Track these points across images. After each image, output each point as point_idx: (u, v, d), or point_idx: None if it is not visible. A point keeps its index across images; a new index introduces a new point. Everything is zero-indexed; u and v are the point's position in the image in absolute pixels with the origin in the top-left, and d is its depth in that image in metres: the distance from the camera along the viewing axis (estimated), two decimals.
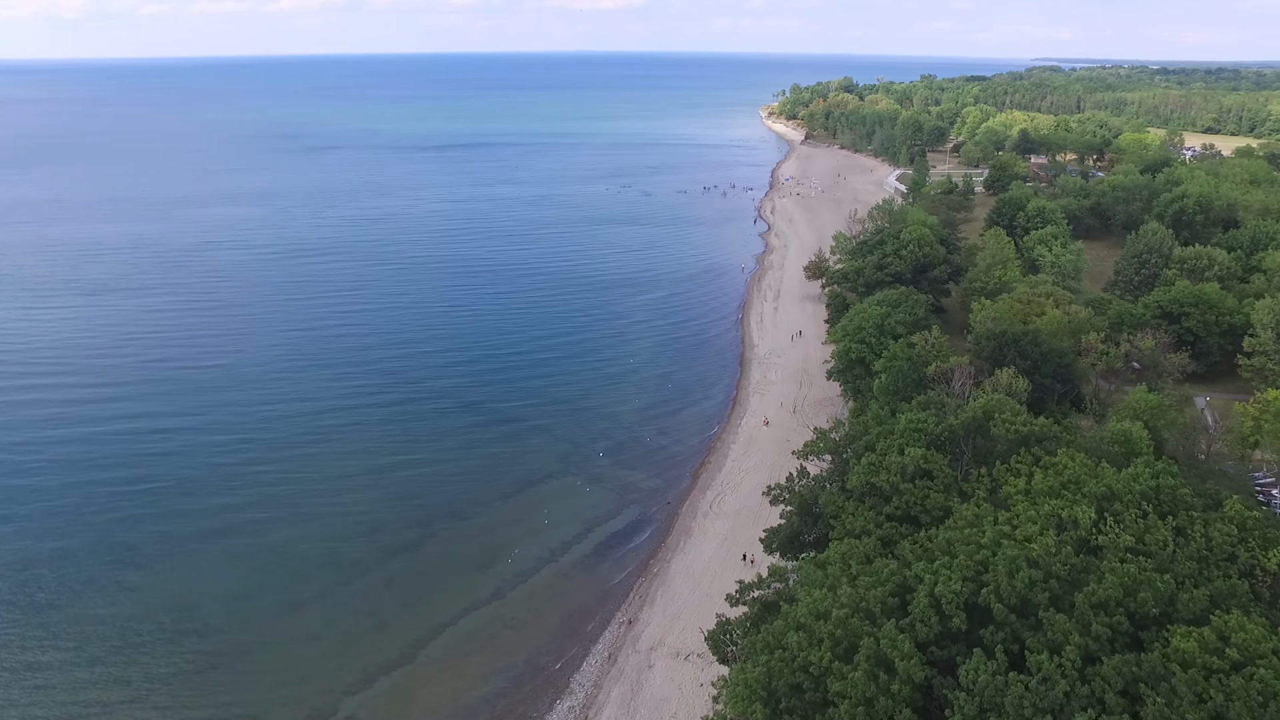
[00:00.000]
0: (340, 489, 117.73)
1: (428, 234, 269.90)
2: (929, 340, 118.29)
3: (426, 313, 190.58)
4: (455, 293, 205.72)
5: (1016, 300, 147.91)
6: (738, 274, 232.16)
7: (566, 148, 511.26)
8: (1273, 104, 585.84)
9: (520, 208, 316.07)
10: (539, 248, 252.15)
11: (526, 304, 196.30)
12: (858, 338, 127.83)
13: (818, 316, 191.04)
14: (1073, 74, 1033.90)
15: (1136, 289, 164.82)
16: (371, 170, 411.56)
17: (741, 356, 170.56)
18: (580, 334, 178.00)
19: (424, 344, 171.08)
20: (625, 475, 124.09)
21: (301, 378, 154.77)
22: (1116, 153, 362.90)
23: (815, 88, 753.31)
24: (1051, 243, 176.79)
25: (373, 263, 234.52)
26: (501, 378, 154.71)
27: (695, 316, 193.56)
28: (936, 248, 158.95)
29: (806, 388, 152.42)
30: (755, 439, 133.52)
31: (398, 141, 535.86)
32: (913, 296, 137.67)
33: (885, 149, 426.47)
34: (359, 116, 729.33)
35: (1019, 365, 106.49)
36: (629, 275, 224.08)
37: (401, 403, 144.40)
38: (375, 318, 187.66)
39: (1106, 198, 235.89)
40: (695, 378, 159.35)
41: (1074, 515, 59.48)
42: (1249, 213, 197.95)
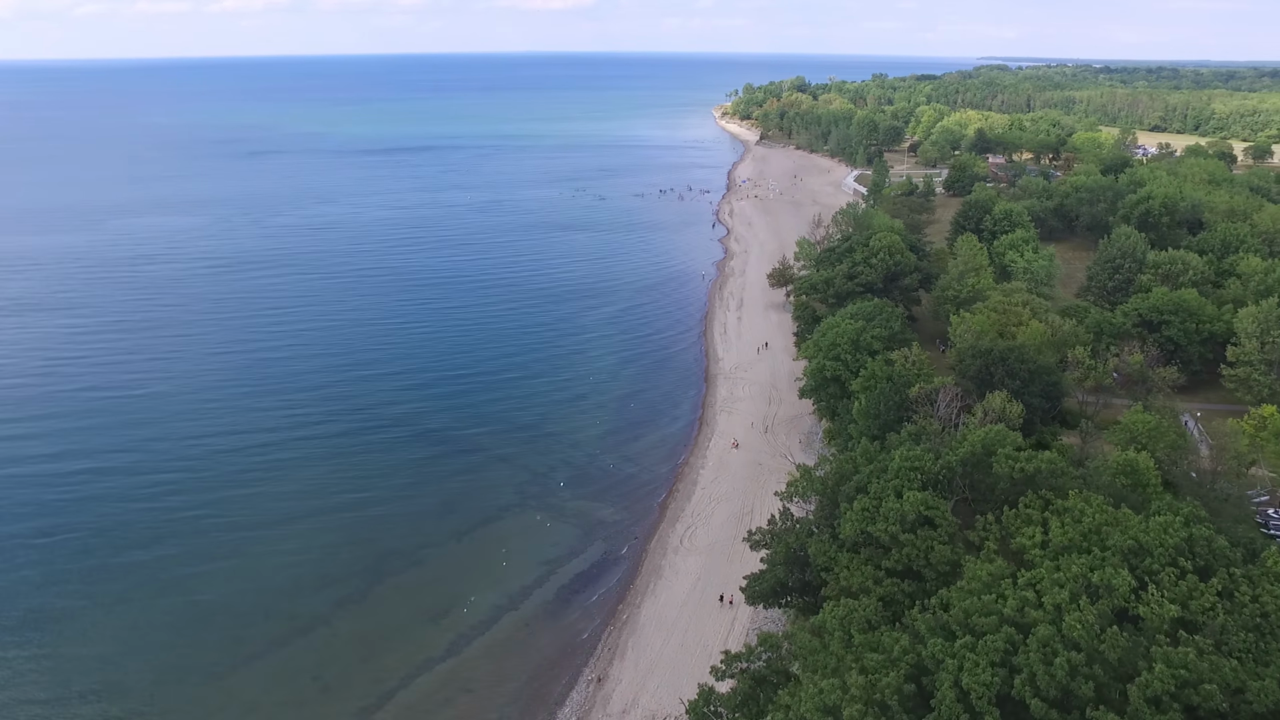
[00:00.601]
0: (281, 534, 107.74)
1: (375, 243, 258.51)
2: (909, 358, 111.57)
3: (375, 330, 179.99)
4: (405, 308, 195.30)
5: (991, 309, 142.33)
6: (698, 281, 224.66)
7: (517, 150, 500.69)
8: (1215, 103, 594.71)
9: (471, 214, 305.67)
10: (492, 257, 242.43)
11: (480, 319, 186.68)
12: (832, 354, 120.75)
13: (783, 326, 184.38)
14: (1020, 73, 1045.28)
15: (1110, 295, 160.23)
16: (316, 176, 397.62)
17: (706, 371, 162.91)
18: (538, 351, 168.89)
19: (372, 365, 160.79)
20: (588, 508, 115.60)
21: (241, 406, 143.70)
22: (1072, 152, 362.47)
23: (768, 87, 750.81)
24: (1023, 248, 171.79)
25: (317, 275, 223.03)
26: (454, 402, 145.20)
27: (656, 329, 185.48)
28: (907, 255, 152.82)
29: (776, 404, 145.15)
30: (725, 463, 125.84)
31: (343, 145, 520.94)
32: (887, 309, 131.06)
33: (842, 149, 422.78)
34: (303, 120, 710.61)
35: (1008, 385, 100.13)
36: (587, 285, 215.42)
37: (348, 433, 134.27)
38: (320, 336, 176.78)
39: (1070, 199, 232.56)
40: (659, 396, 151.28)
41: (1107, 578, 52.39)
42: (1214, 214, 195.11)
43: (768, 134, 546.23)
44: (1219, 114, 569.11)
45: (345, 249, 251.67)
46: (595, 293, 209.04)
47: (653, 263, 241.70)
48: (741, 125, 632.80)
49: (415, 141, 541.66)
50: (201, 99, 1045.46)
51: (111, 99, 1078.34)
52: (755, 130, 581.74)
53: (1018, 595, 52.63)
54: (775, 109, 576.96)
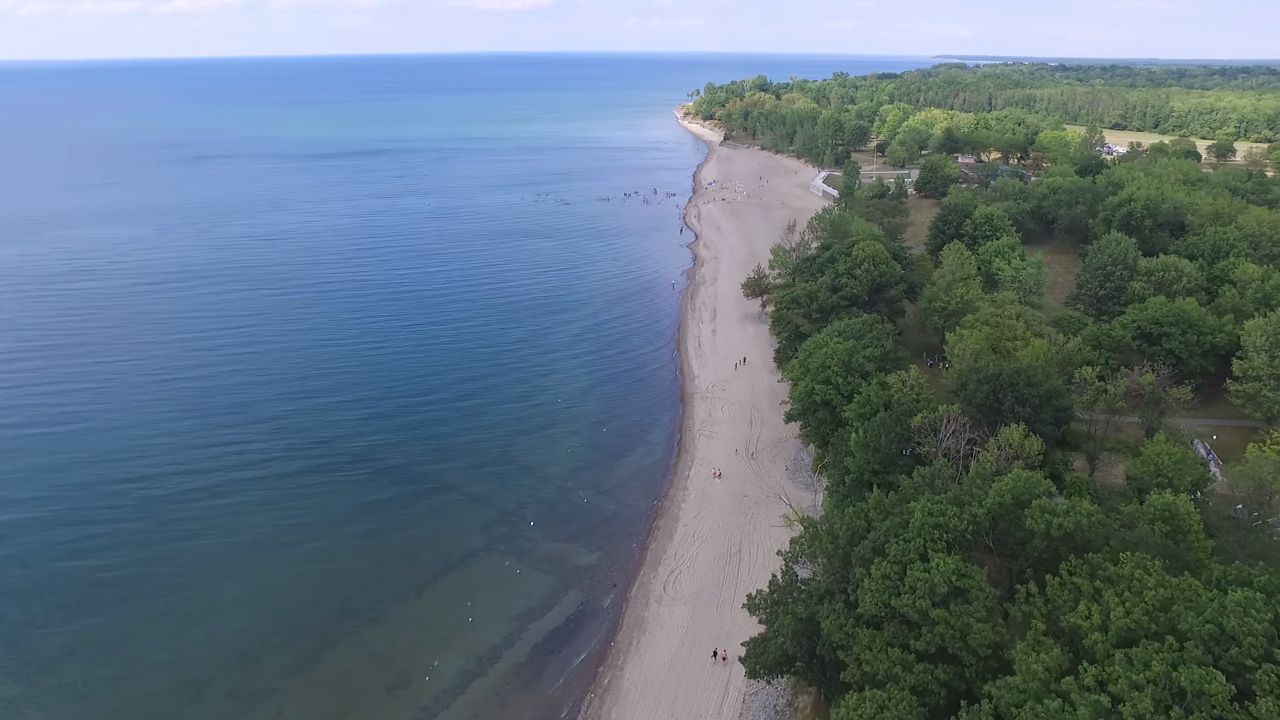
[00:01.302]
0: (226, 594, 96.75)
1: (329, 254, 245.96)
2: (906, 382, 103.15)
3: (329, 353, 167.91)
4: (360, 326, 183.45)
5: (983, 322, 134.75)
6: (668, 291, 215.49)
7: (477, 153, 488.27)
8: (1174, 100, 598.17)
9: (430, 221, 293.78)
10: (453, 268, 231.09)
11: (441, 338, 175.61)
12: (821, 376, 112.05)
13: (760, 339, 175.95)
14: (978, 71, 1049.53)
15: (1102, 303, 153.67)
16: (267, 182, 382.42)
17: (682, 390, 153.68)
18: (503, 372, 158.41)
19: (325, 393, 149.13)
20: (561, 550, 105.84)
21: (181, 444, 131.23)
22: (1040, 151, 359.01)
23: (730, 87, 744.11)
24: (1009, 255, 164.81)
25: (267, 290, 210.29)
26: (415, 433, 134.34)
27: (627, 344, 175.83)
28: (891, 265, 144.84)
29: (758, 427, 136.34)
30: (708, 495, 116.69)
31: (297, 149, 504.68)
32: (877, 326, 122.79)
33: (808, 150, 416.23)
34: (255, 123, 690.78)
35: (1018, 414, 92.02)
36: (553, 297, 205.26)
37: (299, 473, 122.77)
38: (270, 360, 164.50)
39: (1048, 201, 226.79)
40: (632, 420, 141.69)
41: (1197, 682, 43.83)
42: (1198, 216, 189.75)
43: (731, 134, 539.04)
44: (1178, 112, 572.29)
45: (297, 261, 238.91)
46: (562, 305, 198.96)
47: (621, 271, 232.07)
48: (704, 125, 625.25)
49: (371, 145, 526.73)
50: (149, 102, 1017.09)
51: (54, 101, 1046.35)
52: (718, 130, 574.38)
53: (1088, 702, 43.88)
54: (738, 109, 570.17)
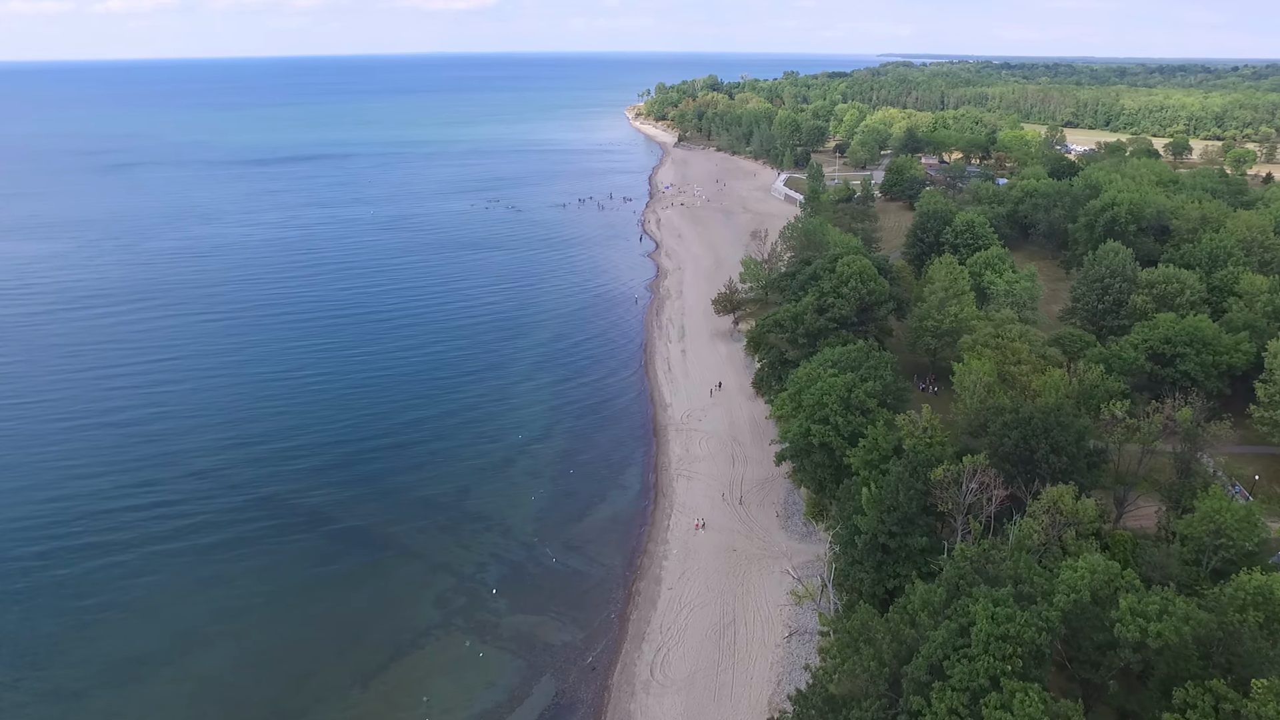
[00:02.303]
0: (126, 702, 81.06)
1: (265, 272, 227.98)
2: (917, 424, 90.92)
3: (262, 388, 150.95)
4: (297, 354, 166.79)
5: (981, 344, 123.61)
6: (631, 306, 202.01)
7: (423, 158, 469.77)
8: (1123, 98, 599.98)
9: (374, 233, 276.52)
10: (399, 286, 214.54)
11: (387, 368, 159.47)
12: (818, 415, 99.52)
13: (734, 359, 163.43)
14: (926, 69, 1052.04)
15: (1100, 317, 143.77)
16: (200, 191, 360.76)
17: (653, 421, 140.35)
18: (455, 407, 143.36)
19: (257, 438, 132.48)
20: (530, 624, 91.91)
21: (84, 510, 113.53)
22: (1003, 150, 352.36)
23: (681, 86, 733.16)
24: (999, 266, 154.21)
25: (196, 315, 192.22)
26: (356, 482, 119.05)
27: (591, 370, 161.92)
28: (879, 282, 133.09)
29: (742, 465, 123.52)
30: (692, 551, 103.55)
31: (233, 155, 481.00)
32: (874, 354, 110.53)
33: (766, 151, 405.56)
34: (190, 127, 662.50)
35: (1054, 464, 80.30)
36: (507, 317, 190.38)
37: (221, 543, 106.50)
38: (194, 397, 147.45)
39: (1024, 205, 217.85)
40: (602, 458, 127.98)
41: None
42: (1185, 221, 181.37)
43: (686, 135, 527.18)
44: (1129, 110, 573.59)
45: (231, 279, 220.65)
46: (518, 326, 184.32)
47: (580, 286, 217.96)
48: (657, 126, 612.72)
49: (313, 149, 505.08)
50: (77, 105, 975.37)
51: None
52: (672, 131, 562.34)
53: None
54: (692, 109, 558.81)
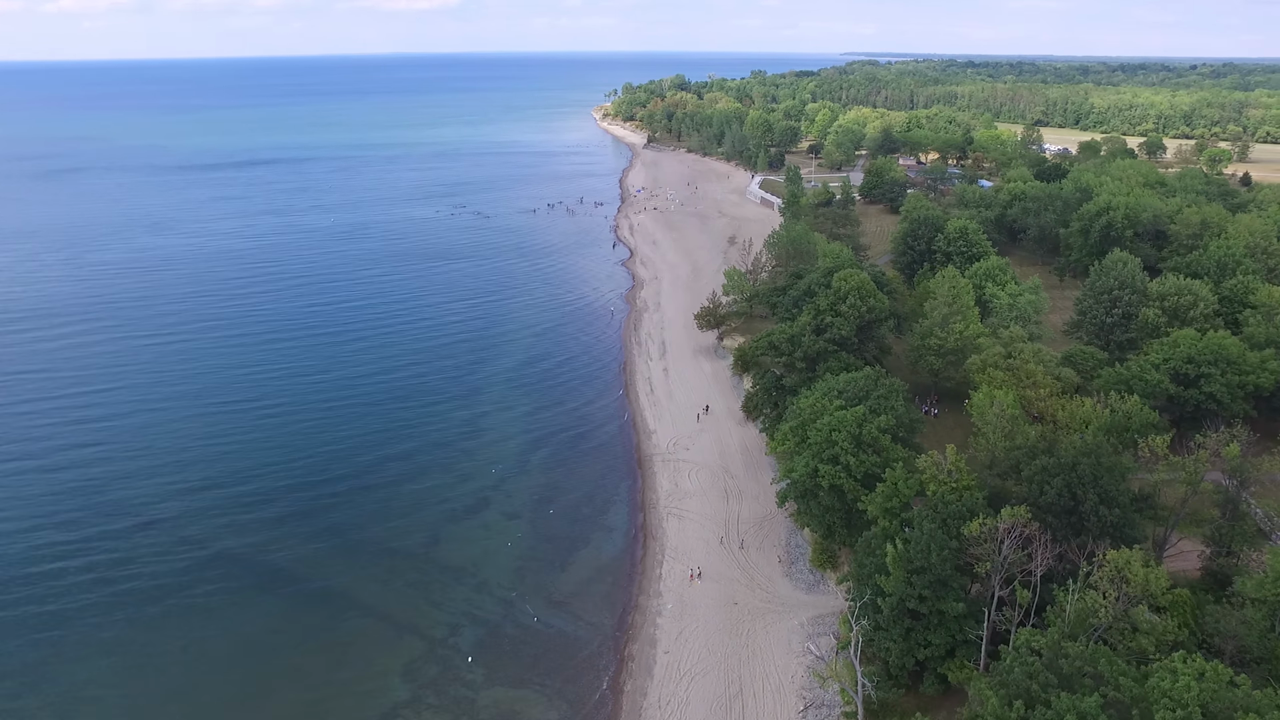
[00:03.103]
0: None
1: (216, 287, 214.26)
2: (940, 466, 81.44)
3: (208, 420, 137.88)
4: (248, 382, 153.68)
5: (990, 365, 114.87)
6: (607, 319, 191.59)
7: (386, 162, 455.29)
8: (1092, 97, 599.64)
9: (334, 242, 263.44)
10: (359, 301, 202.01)
11: (346, 394, 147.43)
12: (827, 454, 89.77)
13: (720, 379, 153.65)
14: (892, 68, 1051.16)
15: (1109, 331, 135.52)
16: (150, 198, 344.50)
17: (637, 450, 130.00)
18: (421, 437, 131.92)
19: (202, 478, 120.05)
20: (512, 700, 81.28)
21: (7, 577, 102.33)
22: (980, 150, 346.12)
23: (649, 86, 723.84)
24: (1001, 278, 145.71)
25: (137, 336, 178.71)
26: (315, 529, 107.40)
27: (567, 392, 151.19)
28: (879, 298, 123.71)
29: (736, 501, 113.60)
30: (689, 605, 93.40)
31: (188, 160, 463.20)
32: (883, 382, 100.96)
33: (738, 152, 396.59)
34: (143, 130, 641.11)
35: (1104, 517, 71.12)
36: (476, 335, 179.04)
37: (159, 604, 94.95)
38: (134, 432, 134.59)
39: (1013, 209, 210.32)
40: (583, 495, 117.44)
41: None
42: (1184, 226, 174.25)
43: (655, 136, 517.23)
44: (1098, 108, 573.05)
45: (180, 295, 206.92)
46: (487, 344, 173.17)
47: (552, 298, 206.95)
48: (625, 127, 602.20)
49: (271, 153, 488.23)
50: (21, 107, 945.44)
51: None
52: (641, 132, 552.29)
53: None
54: (661, 110, 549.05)
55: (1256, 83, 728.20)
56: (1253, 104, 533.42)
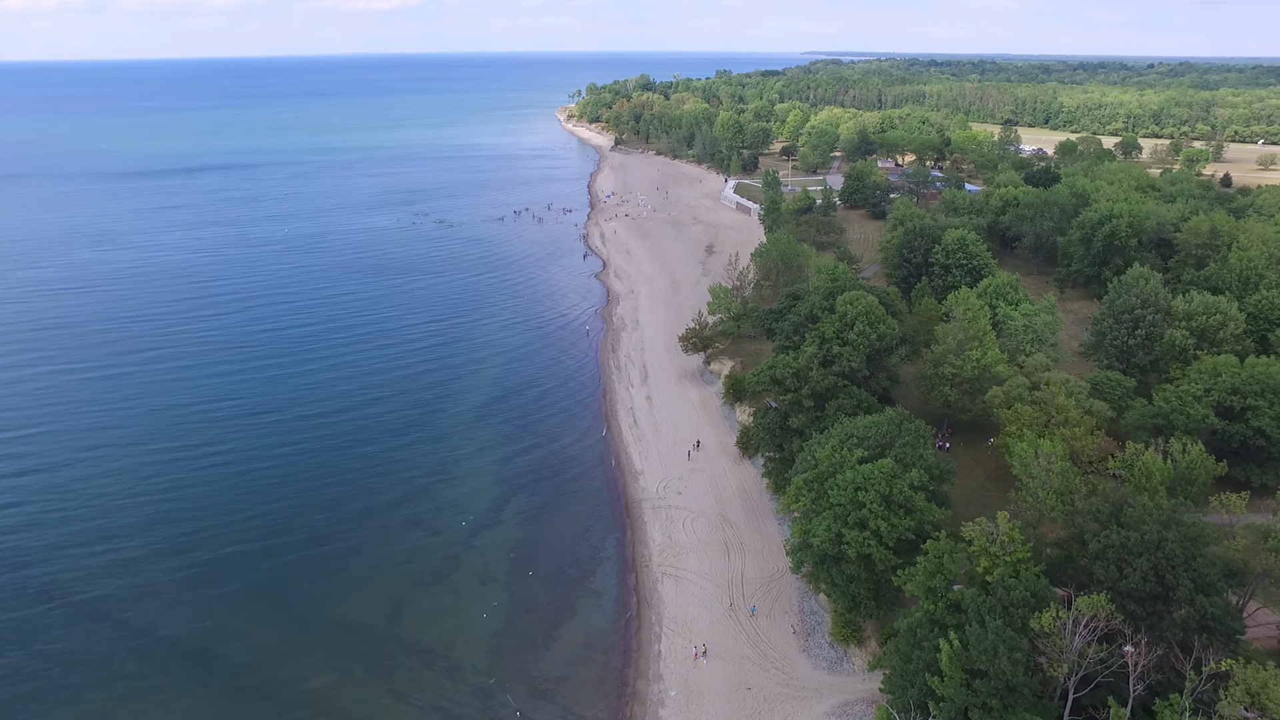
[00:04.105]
0: None
1: (158, 307, 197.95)
2: (991, 536, 69.82)
3: (141, 468, 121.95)
4: (189, 421, 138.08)
5: (1015, 398, 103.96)
6: (582, 339, 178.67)
7: (344, 167, 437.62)
8: (1061, 96, 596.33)
9: (287, 255, 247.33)
10: (315, 322, 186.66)
11: (298, 434, 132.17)
12: (852, 517, 77.81)
13: (709, 407, 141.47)
14: (856, 66, 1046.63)
15: (1131, 354, 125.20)
16: (93, 207, 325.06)
17: (624, 494, 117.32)
18: (382, 483, 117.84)
19: (132, 548, 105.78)
20: None
21: None
22: (958, 152, 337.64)
23: (613, 87, 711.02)
24: (1012, 295, 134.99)
25: (66, 367, 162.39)
26: (262, 607, 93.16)
27: (542, 424, 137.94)
28: (889, 324, 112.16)
29: (739, 555, 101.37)
30: (695, 691, 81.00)
31: (135, 166, 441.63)
32: (906, 425, 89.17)
33: (709, 155, 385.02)
34: (88, 134, 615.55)
35: (1199, 606, 59.77)
36: (441, 359, 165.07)
37: (60, 693, 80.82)
38: (55, 489, 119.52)
39: (1007, 215, 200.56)
40: (564, 550, 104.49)
41: None
42: (1192, 235, 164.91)
43: (623, 138, 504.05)
44: (1067, 108, 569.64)
45: (118, 317, 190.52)
46: (453, 370, 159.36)
47: (521, 315, 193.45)
48: (591, 129, 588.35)
49: (224, 159, 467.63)
50: None
51: None
52: (607, 134, 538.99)
53: None
54: (627, 111, 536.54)
55: (1216, 81, 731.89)
56: (1219, 103, 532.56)
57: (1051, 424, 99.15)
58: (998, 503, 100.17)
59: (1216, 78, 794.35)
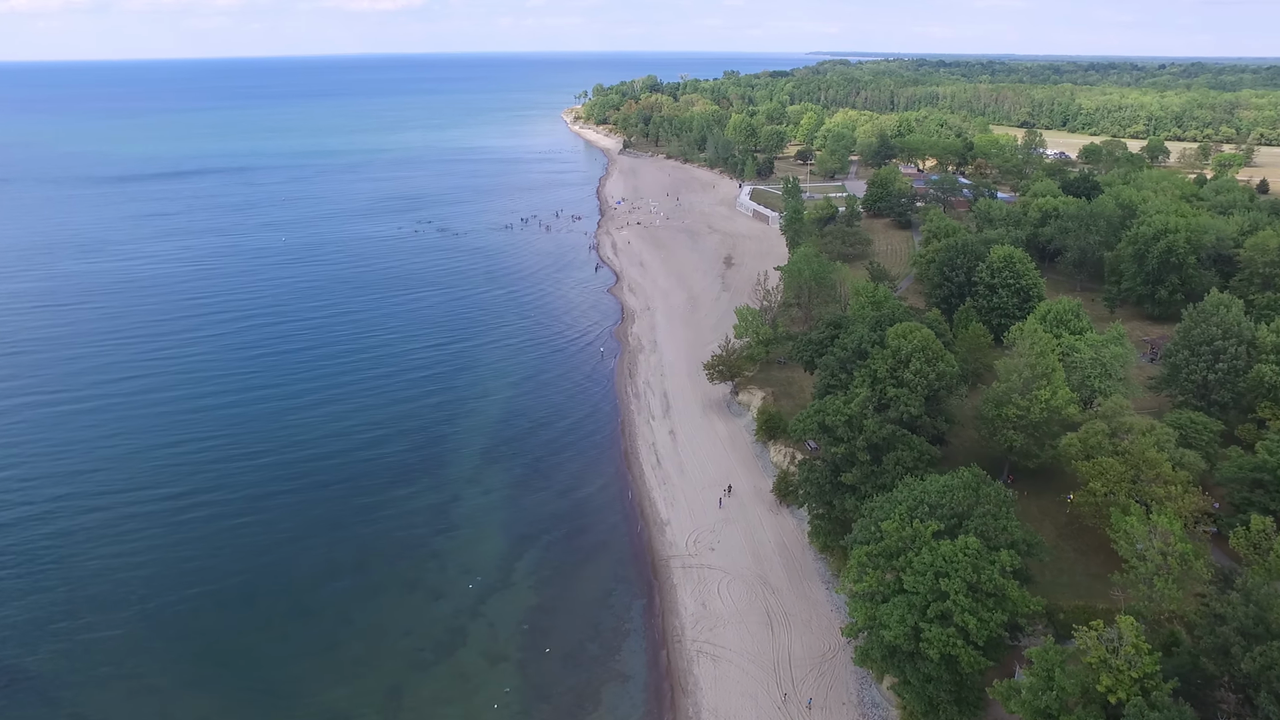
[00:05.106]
0: None
1: (142, 325, 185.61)
2: (1114, 646, 57.37)
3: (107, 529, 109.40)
4: (165, 463, 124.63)
5: (1092, 446, 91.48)
6: (596, 362, 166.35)
7: (346, 170, 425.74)
8: (1079, 97, 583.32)
9: (283, 268, 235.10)
10: (309, 344, 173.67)
11: (287, 476, 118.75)
12: (933, 610, 65.47)
13: (738, 444, 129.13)
14: (864, 67, 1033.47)
15: (1210, 390, 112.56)
16: (82, 213, 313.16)
17: (649, 549, 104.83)
18: (377, 536, 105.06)
19: (90, 619, 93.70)
20: None
21: None
22: (982, 156, 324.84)
23: (620, 88, 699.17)
24: (1075, 323, 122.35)
25: (36, 396, 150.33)
26: (232, 692, 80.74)
27: (555, 465, 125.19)
28: (948, 359, 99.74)
29: (784, 629, 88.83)
30: None
31: (129, 169, 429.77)
32: (984, 489, 76.64)
33: (723, 159, 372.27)
34: (85, 136, 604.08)
35: None
36: (444, 385, 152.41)
37: None
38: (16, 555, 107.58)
39: (1048, 228, 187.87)
40: (585, 623, 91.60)
41: None
42: (1261, 252, 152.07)
43: (631, 141, 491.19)
44: (1086, 109, 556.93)
45: (98, 337, 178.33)
46: (456, 399, 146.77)
47: (530, 335, 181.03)
48: (599, 131, 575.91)
49: (222, 161, 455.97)
50: None
51: None
52: (615, 136, 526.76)
53: None
54: (636, 113, 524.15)
55: (1232, 83, 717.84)
56: (1242, 104, 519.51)
57: (1141, 481, 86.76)
58: (1075, 566, 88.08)
59: (1232, 79, 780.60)
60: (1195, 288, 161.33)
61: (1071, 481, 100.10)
